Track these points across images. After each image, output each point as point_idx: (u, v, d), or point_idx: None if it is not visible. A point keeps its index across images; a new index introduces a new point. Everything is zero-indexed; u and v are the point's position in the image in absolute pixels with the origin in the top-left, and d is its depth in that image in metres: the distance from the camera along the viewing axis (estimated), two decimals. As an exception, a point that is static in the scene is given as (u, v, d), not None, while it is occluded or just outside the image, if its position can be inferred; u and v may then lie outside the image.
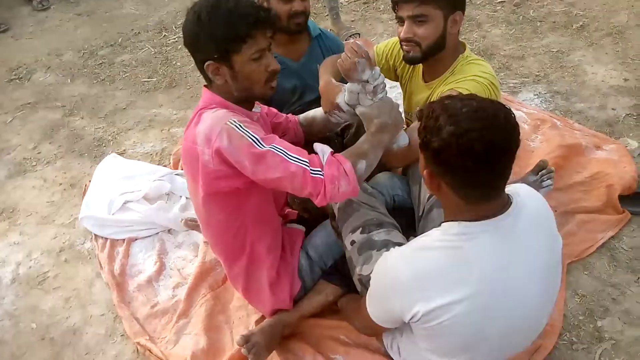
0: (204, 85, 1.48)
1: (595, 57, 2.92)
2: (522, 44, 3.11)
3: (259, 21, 1.35)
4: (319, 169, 1.33)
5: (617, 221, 2.05)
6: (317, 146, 1.42)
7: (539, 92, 2.72)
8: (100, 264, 2.11)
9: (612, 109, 2.58)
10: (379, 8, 3.64)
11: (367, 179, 1.79)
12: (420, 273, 1.14)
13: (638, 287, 1.84)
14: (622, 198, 2.12)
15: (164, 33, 3.72)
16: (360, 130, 1.91)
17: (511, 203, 1.15)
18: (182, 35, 1.43)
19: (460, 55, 1.71)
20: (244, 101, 1.47)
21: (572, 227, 2.04)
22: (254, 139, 1.31)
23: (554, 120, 2.50)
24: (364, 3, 3.73)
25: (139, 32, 3.78)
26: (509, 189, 1.19)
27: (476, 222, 1.12)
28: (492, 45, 3.13)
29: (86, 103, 3.13)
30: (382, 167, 1.95)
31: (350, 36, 3.22)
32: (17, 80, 3.42)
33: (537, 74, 2.84)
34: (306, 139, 1.79)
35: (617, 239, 2.01)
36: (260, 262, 1.61)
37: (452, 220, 1.16)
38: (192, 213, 2.21)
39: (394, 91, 2.54)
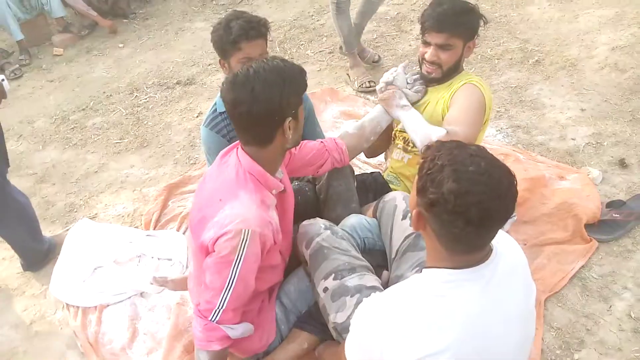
0: (244, 149, 1.51)
1: (552, 89, 3.02)
2: (482, 81, 3.21)
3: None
4: (206, 317, 1.46)
5: (585, 250, 2.08)
6: None
7: (501, 128, 2.80)
8: (75, 333, 2.06)
9: (572, 139, 2.65)
10: (344, 57, 3.74)
11: (338, 220, 1.82)
12: (404, 322, 1.13)
13: (610, 316, 1.86)
14: (588, 227, 2.16)
15: (135, 94, 3.77)
16: (332, 176, 1.96)
17: (492, 251, 1.16)
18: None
19: (460, 73, 1.95)
20: (284, 154, 1.56)
21: (542, 260, 2.06)
22: (234, 268, 1.40)
23: (517, 154, 2.56)
24: (329, 52, 3.84)
25: (110, 95, 3.83)
26: None
27: (459, 270, 1.12)
28: (454, 85, 3.23)
29: (58, 169, 3.13)
30: (353, 210, 1.98)
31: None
32: (-12, 151, 3.42)
33: (498, 109, 2.92)
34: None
35: (587, 268, 2.03)
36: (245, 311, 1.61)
37: (434, 267, 1.16)
38: (163, 273, 2.20)
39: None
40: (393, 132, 2.14)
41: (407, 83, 1.96)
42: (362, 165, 2.73)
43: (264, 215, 1.45)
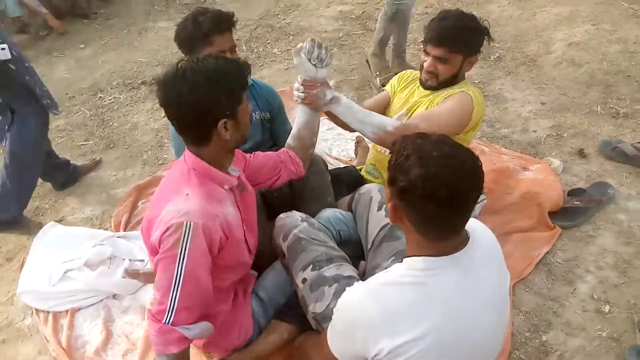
0: (188, 148, 1.49)
1: (514, 84, 3.13)
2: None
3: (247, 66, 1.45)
4: (159, 319, 1.39)
5: (549, 237, 2.17)
6: None
7: (467, 122, 2.88)
8: (46, 338, 2.01)
9: (534, 131, 2.76)
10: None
11: (313, 215, 1.84)
12: (386, 309, 1.15)
13: (575, 298, 1.94)
14: (551, 214, 2.25)
15: (99, 95, 3.69)
16: (307, 171, 1.97)
17: (468, 238, 1.20)
18: (156, 101, 1.44)
19: (459, 83, 1.96)
20: (230, 152, 1.52)
21: (509, 247, 2.13)
22: (179, 264, 1.36)
23: (482, 147, 2.64)
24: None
25: (73, 96, 3.74)
26: None
27: (439, 258, 1.16)
28: (420, 81, 3.30)
29: (20, 172, 3.03)
30: (329, 204, 2.01)
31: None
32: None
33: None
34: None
35: (551, 254, 2.12)
36: (214, 311, 1.60)
37: (415, 256, 1.19)
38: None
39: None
40: None
41: (316, 61, 1.76)
42: (333, 161, 2.76)
43: (207, 208, 1.41)
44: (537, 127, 2.78)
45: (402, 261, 1.23)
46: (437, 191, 1.07)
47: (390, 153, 1.21)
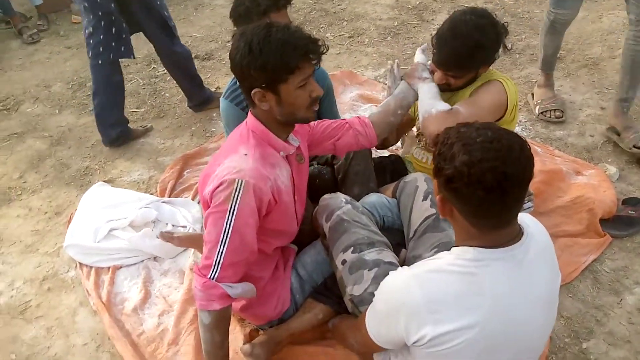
0: (250, 110, 1.53)
1: (573, 87, 3.01)
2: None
3: (309, 52, 1.38)
4: (205, 274, 1.43)
5: (599, 244, 2.09)
6: None
7: (520, 121, 2.79)
8: (88, 291, 2.08)
9: (591, 135, 2.65)
10: (364, 42, 3.74)
11: (358, 199, 1.83)
12: (432, 296, 1.13)
13: (620, 309, 1.87)
14: (602, 221, 2.17)
15: (152, 65, 3.76)
16: (351, 156, 1.96)
17: (523, 233, 1.17)
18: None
19: (480, 76, 1.85)
20: (285, 124, 1.51)
21: (555, 251, 2.06)
22: (228, 218, 1.38)
23: (535, 147, 2.56)
24: (349, 37, 3.83)
25: (128, 64, 3.82)
26: None
27: (490, 249, 1.13)
28: (474, 76, 3.22)
29: (74, 133, 3.14)
30: (371, 189, 1.99)
31: None
32: (4, 111, 3.43)
33: (518, 103, 2.91)
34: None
35: (599, 262, 2.04)
36: (257, 276, 1.62)
37: (465, 245, 1.16)
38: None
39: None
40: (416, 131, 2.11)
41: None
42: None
43: (260, 169, 1.44)
44: (594, 132, 2.67)
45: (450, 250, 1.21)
46: (484, 176, 1.03)
47: (434, 146, 1.18)
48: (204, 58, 3.78)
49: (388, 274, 1.29)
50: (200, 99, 3.15)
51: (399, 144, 2.74)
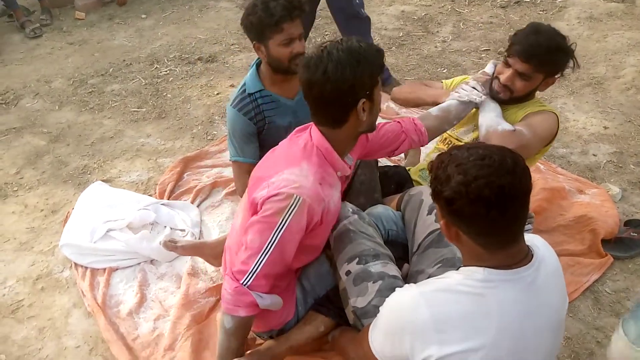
0: (318, 128, 1.49)
1: (576, 105, 3.02)
2: (506, 90, 3.20)
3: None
4: (238, 279, 1.44)
5: (600, 265, 2.08)
6: None
7: (523, 137, 2.79)
8: (83, 292, 2.05)
9: (594, 155, 2.65)
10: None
11: (363, 209, 1.81)
12: (440, 316, 1.11)
13: (622, 331, 1.85)
14: (604, 242, 2.15)
15: (155, 65, 3.74)
16: (356, 165, 1.94)
17: (532, 255, 1.16)
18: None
19: (532, 100, 1.91)
20: (347, 145, 1.53)
21: (557, 269, 2.05)
22: (276, 232, 1.40)
23: (538, 164, 2.55)
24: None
25: (130, 63, 3.80)
26: (526, 239, 1.19)
27: (500, 271, 1.11)
28: (478, 90, 3.22)
29: (73, 130, 3.10)
30: (376, 200, 1.97)
31: None
32: (3, 105, 3.39)
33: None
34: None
35: (600, 283, 2.03)
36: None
37: (474, 265, 1.15)
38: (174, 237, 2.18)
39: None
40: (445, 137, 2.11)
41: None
42: (382, 159, 2.71)
43: (319, 191, 1.44)
44: (597, 151, 2.67)
45: (457, 269, 1.19)
46: (482, 192, 1.04)
47: (429, 173, 1.18)
48: (208, 60, 3.76)
49: (392, 287, 1.27)
50: None
51: (402, 155, 2.73)
